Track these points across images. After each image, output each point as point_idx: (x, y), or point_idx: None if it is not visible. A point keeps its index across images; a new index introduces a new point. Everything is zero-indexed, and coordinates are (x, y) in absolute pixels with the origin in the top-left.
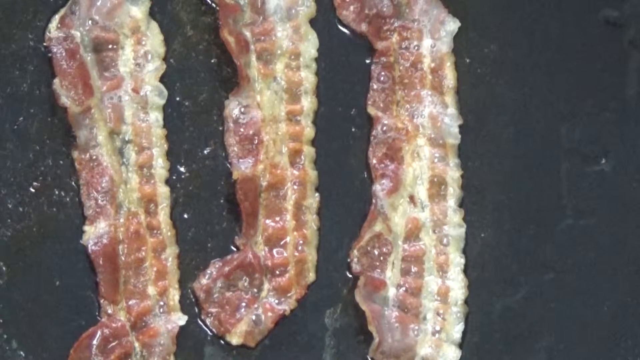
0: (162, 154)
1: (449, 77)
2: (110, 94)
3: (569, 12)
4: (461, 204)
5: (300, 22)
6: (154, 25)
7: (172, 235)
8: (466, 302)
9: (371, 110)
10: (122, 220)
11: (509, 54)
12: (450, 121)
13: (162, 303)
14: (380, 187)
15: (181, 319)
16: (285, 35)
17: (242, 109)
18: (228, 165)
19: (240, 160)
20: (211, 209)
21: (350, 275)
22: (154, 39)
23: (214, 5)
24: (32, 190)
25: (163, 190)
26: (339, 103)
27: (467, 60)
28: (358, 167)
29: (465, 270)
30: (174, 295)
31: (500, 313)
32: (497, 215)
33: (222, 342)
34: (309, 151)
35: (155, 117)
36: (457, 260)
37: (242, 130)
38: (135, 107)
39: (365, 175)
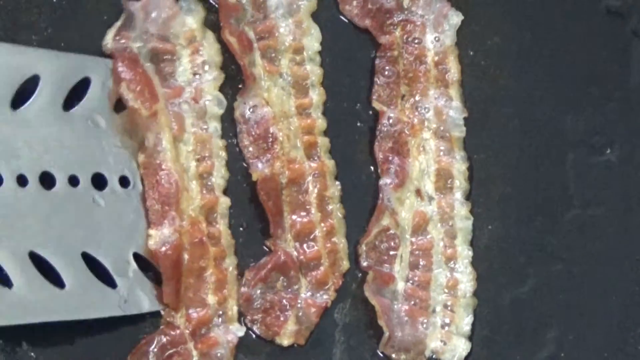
0: (223, 165)
1: (453, 70)
2: (171, 101)
3: (571, 2)
4: (468, 197)
5: (302, 16)
6: (210, 35)
7: (232, 245)
8: (475, 294)
9: (376, 105)
10: (186, 226)
11: (512, 46)
12: (455, 114)
13: (220, 312)
14: (386, 181)
15: (239, 330)
16: (288, 31)
17: (252, 109)
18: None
19: (257, 160)
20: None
21: (359, 271)
22: (211, 48)
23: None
24: None
25: (223, 200)
26: (344, 98)
27: (471, 53)
28: (364, 162)
29: (473, 263)
30: (233, 305)
31: (509, 305)
32: (504, 207)
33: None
34: (323, 142)
35: (215, 127)
36: (465, 252)
37: (254, 129)
38: (194, 116)
39: (372, 170)
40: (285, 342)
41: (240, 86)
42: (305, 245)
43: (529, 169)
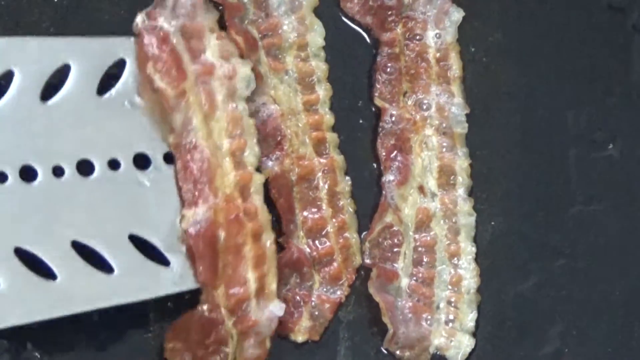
0: (254, 142)
1: (455, 66)
2: (202, 78)
3: None
4: (470, 193)
5: (304, 12)
6: None
7: (268, 221)
8: (478, 290)
9: (378, 102)
10: (220, 204)
11: (513, 42)
12: (457, 110)
13: (259, 290)
14: (389, 178)
15: (279, 309)
16: (291, 28)
17: (259, 107)
18: None
19: (267, 158)
20: None
21: (363, 268)
22: None
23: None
24: None
25: (257, 176)
26: (346, 95)
27: (472, 49)
28: (367, 159)
29: (477, 259)
30: (272, 282)
31: (513, 301)
32: (507, 203)
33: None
34: (332, 137)
35: (243, 107)
36: (468, 249)
37: (263, 128)
38: (226, 93)
39: (374, 167)
40: (300, 338)
41: None
42: (317, 242)
43: (531, 165)
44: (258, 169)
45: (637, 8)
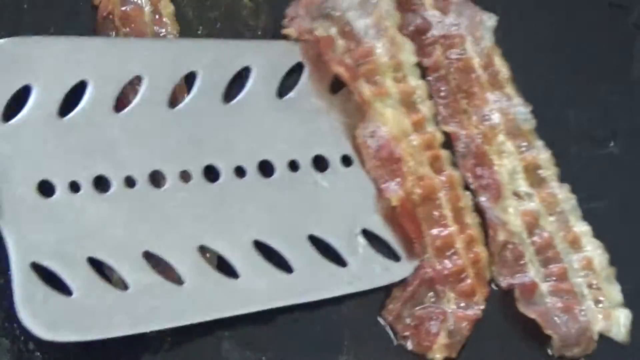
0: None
1: (503, 69)
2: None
3: None
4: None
5: (392, 33)
6: None
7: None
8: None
9: (445, 128)
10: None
11: (514, 40)
12: (519, 109)
13: None
14: (484, 198)
15: None
16: (384, 51)
17: (372, 133)
18: None
19: (389, 183)
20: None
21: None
22: None
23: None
24: None
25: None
26: None
27: None
28: None
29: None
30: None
31: None
32: None
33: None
34: (445, 154)
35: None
36: (583, 229)
37: (378, 154)
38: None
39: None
40: (438, 356)
41: None
42: (448, 259)
43: None
44: None
45: (638, 6)
